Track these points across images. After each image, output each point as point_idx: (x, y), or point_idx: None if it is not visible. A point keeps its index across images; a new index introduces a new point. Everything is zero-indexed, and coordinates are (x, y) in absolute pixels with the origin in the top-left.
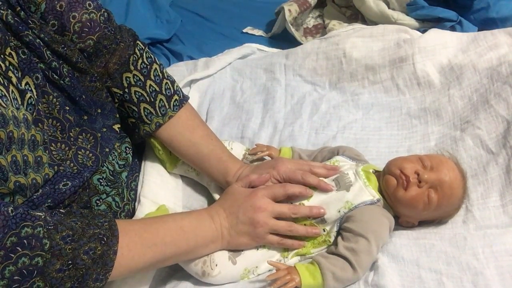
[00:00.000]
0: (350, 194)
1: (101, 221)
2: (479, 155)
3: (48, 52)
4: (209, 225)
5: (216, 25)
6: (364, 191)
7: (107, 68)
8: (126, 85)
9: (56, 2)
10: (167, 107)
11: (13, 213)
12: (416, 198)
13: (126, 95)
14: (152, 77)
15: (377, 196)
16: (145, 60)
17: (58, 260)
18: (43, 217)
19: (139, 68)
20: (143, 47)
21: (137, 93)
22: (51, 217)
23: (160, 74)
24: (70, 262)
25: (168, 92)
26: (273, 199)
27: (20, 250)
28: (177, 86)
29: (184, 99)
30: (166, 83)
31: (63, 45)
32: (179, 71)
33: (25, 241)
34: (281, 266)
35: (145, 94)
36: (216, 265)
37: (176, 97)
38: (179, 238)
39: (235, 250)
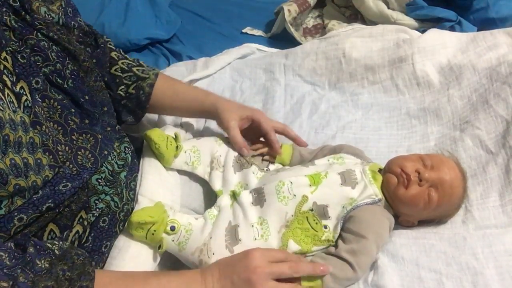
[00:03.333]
0: (356, 191)
1: (82, 286)
2: (479, 155)
3: (53, 54)
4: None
5: (215, 25)
6: (368, 190)
7: (101, 56)
8: (117, 59)
9: (67, 8)
10: (152, 67)
11: None
12: (416, 196)
13: (119, 69)
14: (128, 56)
15: (379, 195)
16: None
17: None
18: (11, 283)
19: (117, 49)
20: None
21: (124, 63)
22: (26, 277)
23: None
24: None
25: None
26: (270, 260)
27: None
28: None
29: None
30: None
31: (70, 44)
32: (178, 71)
33: None
34: None
35: (132, 61)
36: (213, 254)
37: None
38: None
39: (233, 239)
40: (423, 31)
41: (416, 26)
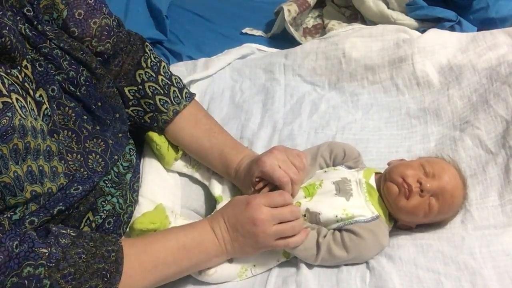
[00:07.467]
0: (349, 203)
1: (109, 250)
2: (478, 155)
3: (65, 63)
4: (212, 240)
5: (215, 25)
6: (364, 207)
7: (122, 68)
8: (140, 81)
9: (74, 11)
10: (181, 97)
11: (17, 250)
12: (418, 207)
13: (142, 91)
14: (162, 73)
15: (376, 212)
16: (153, 59)
17: None
18: (47, 254)
19: (150, 65)
20: (151, 48)
21: (151, 87)
22: (57, 248)
23: (169, 71)
24: None
25: (179, 85)
26: (271, 206)
27: None
28: (183, 83)
29: (193, 94)
30: (176, 78)
31: (81, 52)
32: (178, 72)
33: (25, 281)
34: None
35: (159, 88)
36: None
37: (186, 90)
38: (181, 257)
39: None
40: (423, 31)
41: (416, 26)
